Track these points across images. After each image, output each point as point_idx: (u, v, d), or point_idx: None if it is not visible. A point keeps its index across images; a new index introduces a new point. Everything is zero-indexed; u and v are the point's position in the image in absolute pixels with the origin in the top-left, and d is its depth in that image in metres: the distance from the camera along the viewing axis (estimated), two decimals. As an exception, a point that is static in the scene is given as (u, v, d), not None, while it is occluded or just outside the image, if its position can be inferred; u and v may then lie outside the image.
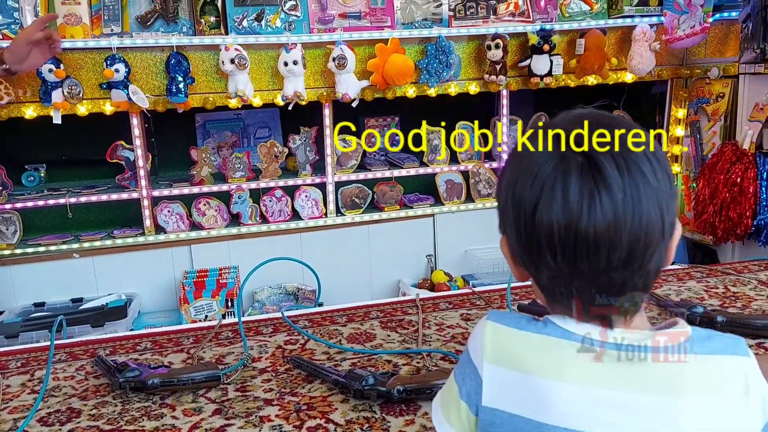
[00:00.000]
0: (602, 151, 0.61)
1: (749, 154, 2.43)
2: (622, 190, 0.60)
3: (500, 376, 0.67)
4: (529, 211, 0.63)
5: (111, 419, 1.10)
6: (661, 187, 0.62)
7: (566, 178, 0.61)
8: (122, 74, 2.23)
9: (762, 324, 1.33)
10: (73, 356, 1.38)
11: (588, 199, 0.60)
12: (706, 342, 0.65)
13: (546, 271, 0.65)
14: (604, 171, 0.60)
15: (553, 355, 0.65)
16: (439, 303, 1.61)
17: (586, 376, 0.64)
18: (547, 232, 0.62)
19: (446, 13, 2.57)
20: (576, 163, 0.61)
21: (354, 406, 1.11)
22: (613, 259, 0.61)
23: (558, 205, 0.61)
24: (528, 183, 0.64)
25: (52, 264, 2.43)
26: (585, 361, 0.64)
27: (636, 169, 0.61)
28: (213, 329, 1.48)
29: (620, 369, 0.63)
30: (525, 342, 0.67)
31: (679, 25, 2.58)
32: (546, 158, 0.63)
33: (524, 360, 0.66)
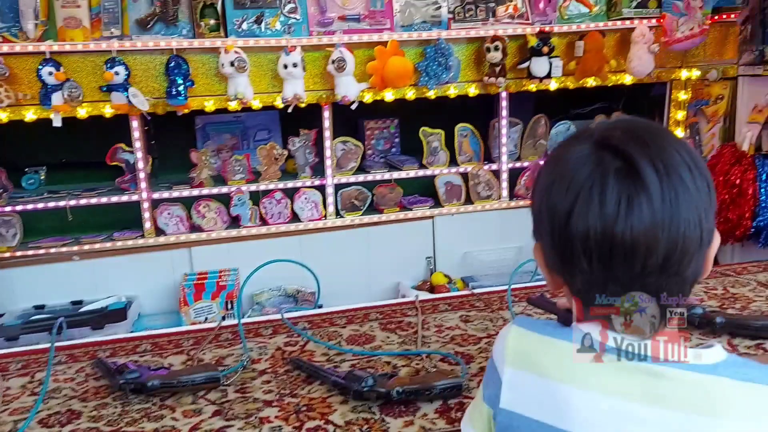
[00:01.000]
0: (641, 157, 0.61)
1: (748, 155, 2.44)
2: (661, 195, 0.59)
3: (521, 379, 0.68)
4: (563, 216, 0.63)
5: (111, 421, 1.10)
6: (701, 195, 0.62)
7: (603, 183, 0.61)
8: (122, 77, 2.23)
9: (761, 325, 1.33)
10: (74, 358, 1.38)
11: (626, 203, 0.60)
12: (742, 368, 0.64)
13: (580, 276, 0.64)
14: (642, 176, 0.60)
15: (578, 363, 0.65)
16: (439, 305, 1.62)
17: (610, 386, 0.63)
18: (582, 237, 0.62)
19: (445, 16, 2.58)
20: (613, 168, 0.61)
21: (353, 408, 1.11)
22: (648, 264, 0.61)
23: (594, 210, 0.61)
24: (563, 188, 0.64)
25: (52, 266, 2.43)
26: (610, 371, 0.64)
27: (675, 175, 0.61)
28: (213, 331, 1.49)
29: (650, 383, 0.62)
30: (549, 348, 0.67)
31: (678, 27, 2.59)
32: (582, 163, 0.63)
33: (547, 365, 0.66)
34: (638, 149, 0.61)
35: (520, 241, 2.81)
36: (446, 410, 1.09)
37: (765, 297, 1.57)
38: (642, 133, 0.64)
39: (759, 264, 1.85)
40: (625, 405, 0.62)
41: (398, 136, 3.04)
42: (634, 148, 0.61)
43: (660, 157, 0.61)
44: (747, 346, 1.29)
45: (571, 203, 0.62)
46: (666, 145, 0.62)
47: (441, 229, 2.79)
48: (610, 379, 0.63)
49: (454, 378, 1.14)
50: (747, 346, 1.30)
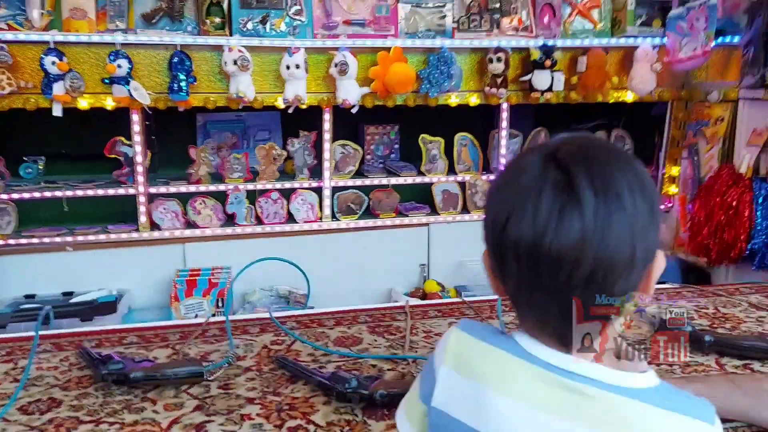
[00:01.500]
0: (580, 172, 0.61)
1: (746, 178, 2.44)
2: (593, 211, 0.60)
3: (454, 381, 0.69)
4: (502, 222, 0.64)
5: (91, 410, 1.10)
6: (638, 216, 0.62)
7: (540, 193, 0.62)
8: (125, 70, 2.24)
9: (749, 345, 1.33)
10: (59, 347, 1.38)
11: (557, 215, 0.61)
12: (670, 397, 0.64)
13: (510, 281, 0.67)
14: (577, 190, 0.61)
15: (506, 370, 0.67)
16: (429, 311, 1.61)
17: (532, 397, 0.64)
18: (514, 243, 0.63)
19: (450, 25, 2.59)
20: (552, 180, 0.62)
21: (336, 409, 1.10)
22: (573, 277, 0.61)
23: (528, 218, 0.62)
24: (505, 195, 0.66)
25: (45, 256, 2.43)
26: (535, 382, 0.65)
27: (613, 194, 0.61)
28: (200, 326, 1.48)
29: (569, 398, 0.63)
30: (484, 353, 0.69)
31: (681, 47, 2.60)
32: (526, 173, 0.64)
33: (479, 370, 0.68)
34: (580, 165, 0.62)
35: (515, 253, 2.80)
36: (429, 415, 1.08)
37: (755, 318, 1.57)
38: (591, 151, 0.65)
39: (752, 285, 1.84)
40: (545, 417, 0.63)
41: (398, 142, 3.04)
42: (576, 163, 0.62)
43: (600, 175, 0.61)
44: (735, 366, 1.29)
45: (509, 210, 0.64)
46: (611, 164, 0.63)
47: (436, 236, 2.79)
48: (535, 390, 0.64)
49: (439, 383, 1.13)
50: (735, 365, 1.29)
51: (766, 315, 1.59)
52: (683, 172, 2.88)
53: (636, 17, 2.73)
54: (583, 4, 2.75)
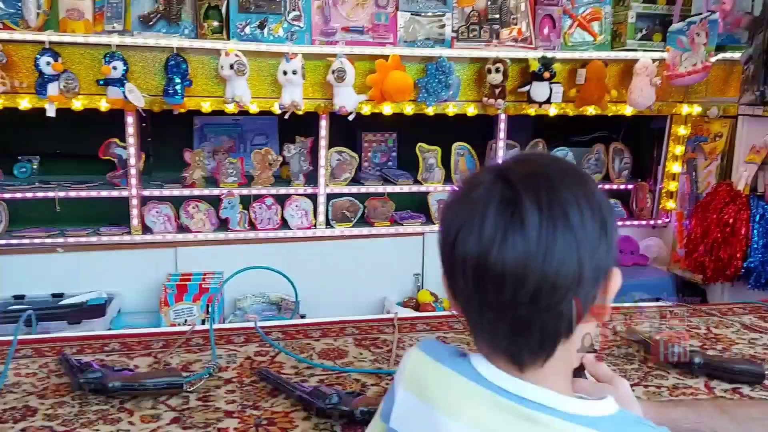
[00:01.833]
0: (527, 189, 0.61)
1: (743, 195, 2.42)
2: (538, 230, 0.60)
3: (410, 402, 0.69)
4: (451, 238, 0.64)
5: (66, 420, 1.08)
6: (587, 234, 0.61)
7: (486, 210, 0.62)
8: (120, 72, 2.22)
9: (739, 369, 1.31)
10: (39, 353, 1.36)
11: (502, 233, 0.60)
12: (628, 426, 0.63)
13: (461, 299, 0.66)
14: (522, 208, 0.60)
15: (459, 394, 0.66)
16: (417, 324, 1.59)
17: (484, 423, 0.63)
18: (462, 259, 0.63)
19: (449, 34, 2.58)
20: (499, 197, 0.62)
21: (315, 424, 1.08)
22: (518, 295, 0.61)
23: (474, 234, 0.62)
24: (455, 211, 0.66)
25: (36, 257, 2.41)
26: (487, 407, 0.64)
27: (560, 212, 0.61)
28: (184, 335, 1.46)
29: (521, 426, 0.62)
30: (440, 376, 0.68)
31: (681, 62, 2.59)
32: (477, 190, 0.64)
33: (433, 392, 0.68)
34: (528, 183, 0.62)
35: (510, 265, 2.78)
36: (409, 434, 1.06)
37: (747, 340, 1.55)
38: (541, 169, 0.65)
39: (745, 306, 1.82)
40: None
41: (396, 150, 3.03)
42: (524, 181, 0.62)
43: (547, 193, 0.61)
44: (724, 389, 1.27)
45: (458, 226, 0.64)
46: (560, 182, 0.63)
47: (431, 246, 2.76)
48: (487, 416, 0.63)
49: (421, 401, 1.11)
50: (724, 389, 1.27)
51: (758, 337, 1.58)
52: (681, 188, 2.86)
53: (636, 30, 2.72)
54: (583, 16, 2.74)
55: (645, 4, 2.71)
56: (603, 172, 3.00)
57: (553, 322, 0.63)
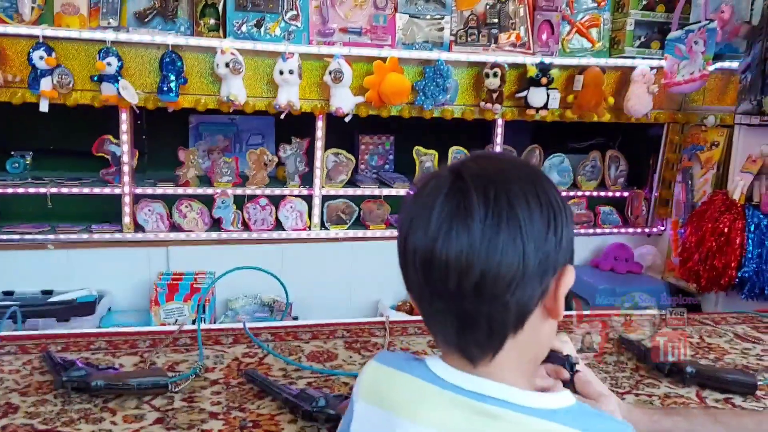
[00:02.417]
0: (476, 184, 0.62)
1: (739, 205, 2.41)
2: (483, 221, 0.61)
3: (368, 413, 0.69)
4: (404, 232, 0.66)
5: (47, 419, 1.06)
6: (533, 230, 0.62)
7: (434, 203, 0.63)
8: (114, 68, 2.20)
9: (732, 379, 1.30)
10: (24, 349, 1.34)
11: (447, 225, 0.62)
12: (584, 417, 0.63)
13: (413, 292, 0.67)
14: (469, 200, 0.61)
15: (416, 397, 0.66)
16: (408, 327, 1.58)
17: (443, 423, 0.63)
18: (412, 251, 0.64)
19: (447, 38, 2.57)
20: (448, 190, 0.63)
21: (301, 428, 1.07)
22: (463, 286, 0.62)
23: (422, 227, 0.63)
24: (409, 206, 0.67)
25: (26, 253, 2.38)
26: (445, 407, 0.64)
27: (506, 205, 0.61)
28: (172, 335, 1.44)
29: (480, 421, 0.62)
30: (397, 382, 0.69)
31: (678, 70, 2.58)
32: (430, 185, 0.66)
33: (390, 398, 0.68)
34: (478, 178, 0.63)
35: (504, 270, 2.76)
36: (396, 439, 1.04)
37: (740, 350, 1.54)
38: (495, 165, 0.66)
39: (738, 315, 1.81)
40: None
41: (393, 153, 3.01)
42: (475, 176, 0.63)
43: (496, 187, 0.62)
44: (716, 399, 1.26)
45: (411, 219, 0.65)
46: (511, 178, 0.64)
47: (425, 250, 2.75)
48: (446, 416, 0.63)
49: (409, 406, 1.09)
50: (716, 399, 1.26)
51: (751, 347, 1.57)
52: (676, 196, 2.85)
53: (635, 38, 2.71)
54: (582, 23, 2.73)
55: (644, 12, 2.70)
56: (599, 179, 3.00)
57: (499, 315, 0.63)
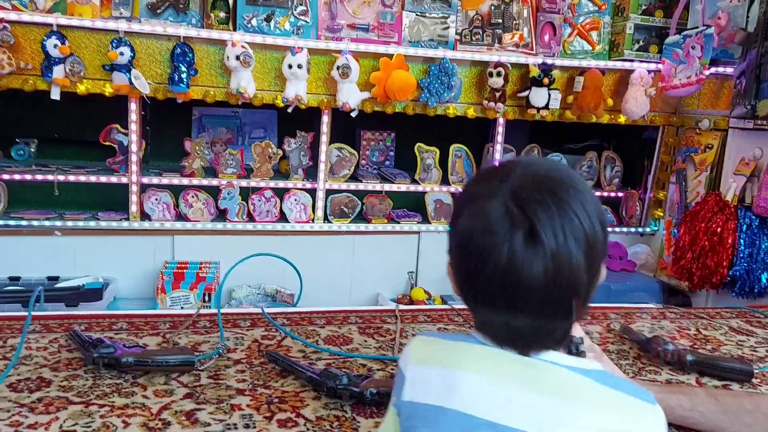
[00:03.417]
0: (540, 204, 0.68)
1: (731, 206, 2.49)
2: (553, 241, 0.67)
3: (421, 372, 0.74)
4: (467, 241, 0.71)
5: (81, 392, 1.10)
6: (596, 240, 0.69)
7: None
8: (126, 58, 2.23)
9: (729, 366, 1.36)
10: (48, 328, 1.37)
11: (522, 239, 0.67)
12: (611, 379, 0.72)
13: (474, 296, 0.73)
14: (537, 222, 0.67)
15: (471, 355, 0.73)
16: (418, 315, 1.63)
17: (493, 370, 0.71)
18: (482, 263, 0.69)
19: (453, 36, 2.62)
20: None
21: (325, 404, 1.11)
22: (533, 302, 0.68)
23: (494, 239, 0.68)
24: (472, 215, 0.72)
25: (33, 239, 2.40)
26: (495, 360, 0.72)
27: (569, 222, 0.68)
28: (191, 317, 1.48)
29: (525, 370, 0.70)
30: (447, 345, 0.76)
31: (675, 74, 2.65)
32: (490, 203, 0.70)
33: (444, 358, 0.74)
34: (539, 198, 0.68)
35: (502, 266, 2.82)
36: (417, 416, 1.09)
37: (735, 342, 1.61)
38: (549, 181, 0.71)
39: (732, 310, 1.89)
40: (505, 387, 0.70)
41: (393, 150, 3.06)
42: (535, 196, 0.68)
43: (557, 204, 0.68)
44: (714, 386, 1.32)
45: (476, 229, 0.70)
46: (568, 193, 0.69)
47: (426, 245, 2.80)
48: (495, 365, 0.71)
49: (428, 385, 1.14)
50: (714, 386, 1.32)
51: (745, 339, 1.63)
52: (670, 197, 2.93)
53: (634, 41, 2.79)
54: (582, 25, 2.80)
55: (643, 16, 2.78)
56: (595, 179, 3.07)
57: (561, 325, 0.72)
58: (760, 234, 2.42)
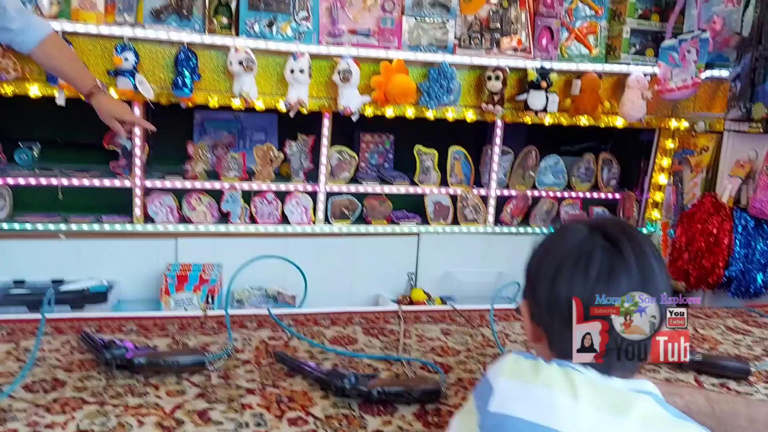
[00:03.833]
0: (625, 241, 0.80)
1: (727, 207, 2.52)
2: (637, 272, 0.78)
3: (512, 386, 0.78)
4: (551, 278, 0.81)
5: (95, 392, 1.12)
6: (663, 279, 0.81)
7: (591, 255, 0.79)
8: (131, 63, 2.26)
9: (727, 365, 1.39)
10: (59, 330, 1.40)
11: (607, 273, 0.78)
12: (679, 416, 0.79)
13: (560, 328, 0.81)
14: (624, 255, 0.79)
15: (565, 377, 0.77)
16: (421, 316, 1.66)
17: (591, 397, 0.75)
18: (566, 296, 0.79)
19: (452, 41, 2.66)
20: (600, 245, 0.80)
21: (334, 403, 1.14)
22: None
23: (580, 275, 0.79)
24: (554, 254, 0.83)
25: (37, 242, 2.43)
26: (589, 386, 0.76)
27: (646, 261, 0.80)
28: (199, 318, 1.51)
29: (614, 397, 0.76)
30: (541, 366, 0.79)
31: (672, 77, 2.69)
32: (575, 239, 0.82)
33: (537, 377, 0.77)
34: (623, 235, 0.81)
35: (501, 267, 2.87)
36: (423, 414, 1.12)
37: (732, 341, 1.64)
38: (626, 228, 0.84)
39: (729, 310, 1.92)
40: (599, 411, 0.74)
41: (392, 152, 3.10)
42: (620, 233, 0.81)
43: (637, 245, 0.80)
44: (712, 384, 1.35)
45: (559, 267, 0.80)
46: (641, 238, 0.82)
47: (426, 246, 2.84)
48: (591, 392, 0.75)
49: (434, 384, 1.18)
50: (712, 383, 1.35)
51: (741, 338, 1.67)
52: (667, 199, 2.97)
53: (630, 45, 2.82)
54: (580, 30, 2.84)
55: (639, 20, 2.82)
56: (592, 181, 3.10)
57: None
58: (755, 235, 2.46)
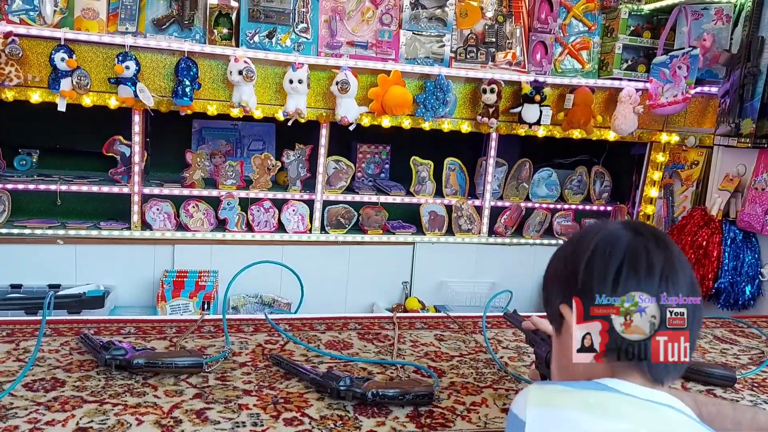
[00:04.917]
0: (659, 237, 0.83)
1: (716, 220, 2.57)
2: (687, 266, 0.82)
3: (544, 414, 0.77)
4: (612, 276, 0.80)
5: (94, 392, 1.14)
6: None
7: (647, 249, 0.80)
8: (132, 72, 2.30)
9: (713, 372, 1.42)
10: (58, 332, 1.42)
11: (669, 267, 0.80)
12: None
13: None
14: (671, 248, 0.82)
15: (591, 397, 0.77)
16: (415, 322, 1.69)
17: (629, 417, 0.75)
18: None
19: (448, 54, 2.71)
20: (652, 239, 0.82)
21: (329, 405, 1.17)
22: None
23: (642, 271, 0.80)
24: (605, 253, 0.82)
25: (35, 247, 2.45)
26: (622, 404, 0.76)
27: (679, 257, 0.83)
28: (196, 322, 1.54)
29: (649, 416, 0.77)
30: (568, 391, 0.79)
31: (663, 92, 2.75)
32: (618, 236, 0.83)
33: (567, 402, 0.77)
34: (658, 233, 0.84)
35: (495, 277, 2.90)
36: (417, 416, 1.15)
37: (719, 350, 1.67)
38: (648, 225, 0.87)
39: (717, 320, 1.95)
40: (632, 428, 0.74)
41: (388, 162, 3.14)
42: (656, 232, 0.84)
43: (668, 240, 0.84)
44: (699, 390, 1.38)
45: (617, 270, 0.80)
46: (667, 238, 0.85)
47: (420, 255, 2.87)
48: (628, 412, 0.76)
49: (427, 387, 1.20)
50: (699, 390, 1.38)
51: (728, 347, 1.70)
52: (658, 211, 3.02)
53: (622, 61, 2.88)
54: (573, 45, 2.89)
55: (631, 37, 2.88)
56: (584, 193, 3.15)
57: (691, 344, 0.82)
58: (743, 248, 2.50)
